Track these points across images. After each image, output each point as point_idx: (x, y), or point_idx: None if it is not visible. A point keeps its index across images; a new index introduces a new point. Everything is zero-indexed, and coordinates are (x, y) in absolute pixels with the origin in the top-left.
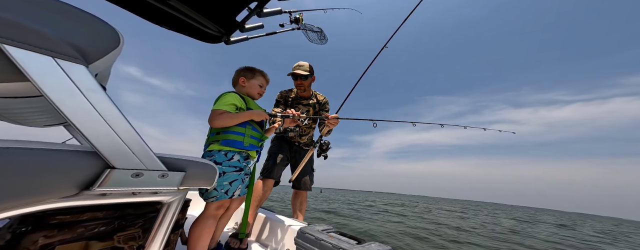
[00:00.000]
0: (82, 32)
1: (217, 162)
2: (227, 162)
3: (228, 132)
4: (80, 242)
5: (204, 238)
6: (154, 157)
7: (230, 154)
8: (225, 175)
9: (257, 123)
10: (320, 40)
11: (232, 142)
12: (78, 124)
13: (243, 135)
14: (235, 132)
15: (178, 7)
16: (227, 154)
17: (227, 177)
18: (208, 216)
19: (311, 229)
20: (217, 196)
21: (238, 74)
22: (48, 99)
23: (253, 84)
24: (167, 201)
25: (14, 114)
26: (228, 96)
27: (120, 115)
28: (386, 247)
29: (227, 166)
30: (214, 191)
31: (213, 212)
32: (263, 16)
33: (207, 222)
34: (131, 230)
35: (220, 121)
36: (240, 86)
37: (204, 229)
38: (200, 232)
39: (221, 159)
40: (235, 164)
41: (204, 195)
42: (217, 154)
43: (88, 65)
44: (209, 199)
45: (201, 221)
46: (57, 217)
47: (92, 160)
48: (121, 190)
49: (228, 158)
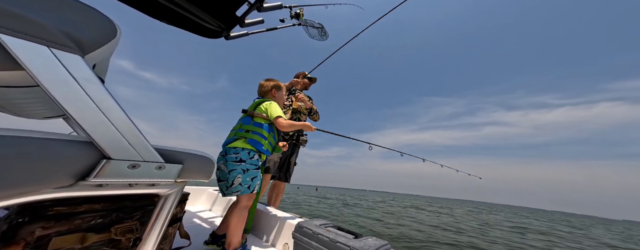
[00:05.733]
0: (79, 22)
1: (242, 159)
2: (250, 160)
3: (255, 133)
4: (77, 234)
5: (240, 226)
6: (151, 149)
7: (252, 153)
8: (248, 172)
9: (277, 132)
10: (321, 37)
11: (256, 142)
12: (73, 113)
13: (265, 139)
14: (261, 134)
15: (178, 1)
16: (249, 152)
17: (250, 174)
18: (242, 207)
19: (309, 224)
20: (242, 191)
21: (270, 86)
22: (43, 88)
23: (281, 95)
24: (165, 194)
25: (12, 105)
26: (277, 106)
27: (116, 106)
28: (383, 242)
29: (250, 164)
30: (238, 186)
31: (246, 203)
32: (263, 11)
33: (241, 212)
34: (128, 223)
35: (289, 127)
36: (271, 96)
37: (240, 217)
38: (238, 220)
39: (246, 157)
40: (256, 163)
41: (228, 190)
42: (242, 151)
43: (84, 55)
44: (234, 193)
45: (238, 212)
46: (54, 209)
47: (87, 151)
48: (117, 181)
49: (250, 156)
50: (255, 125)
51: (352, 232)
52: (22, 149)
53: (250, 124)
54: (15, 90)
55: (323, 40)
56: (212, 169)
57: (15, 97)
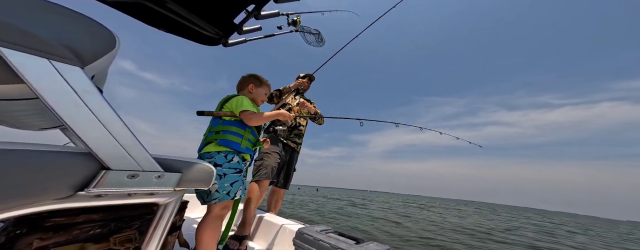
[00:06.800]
0: (78, 34)
1: (218, 163)
2: (228, 163)
3: (227, 133)
4: (76, 245)
5: (212, 239)
6: (150, 158)
7: (230, 155)
8: (226, 177)
9: (256, 128)
10: (318, 43)
11: (230, 142)
12: (73, 125)
13: (241, 137)
14: (234, 133)
15: (176, 9)
16: (227, 155)
17: (228, 179)
18: (214, 217)
19: (309, 230)
20: (219, 198)
21: (247, 81)
22: (43, 100)
23: (260, 92)
24: (164, 202)
25: (9, 117)
26: (245, 100)
27: (115, 117)
28: (384, 247)
29: (228, 168)
30: (215, 193)
31: (219, 212)
32: (260, 19)
33: (214, 223)
34: (127, 232)
35: (258, 120)
36: (248, 92)
37: (213, 230)
38: (208, 233)
39: (221, 161)
40: (235, 166)
41: (207, 198)
42: (216, 155)
43: (84, 67)
44: (211, 201)
45: (208, 222)
46: (52, 220)
47: (87, 162)
48: (116, 191)
49: (228, 160)
50: (224, 124)
51: (354, 237)
52: (22, 161)
53: (219, 124)
54: (14, 102)
55: (320, 46)
56: (211, 177)
57: (15, 109)
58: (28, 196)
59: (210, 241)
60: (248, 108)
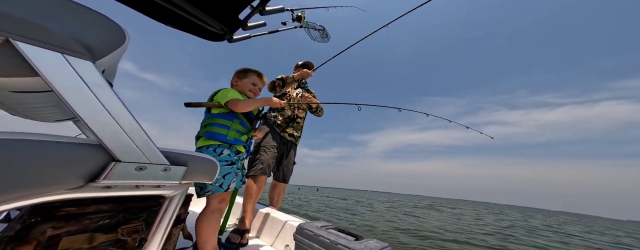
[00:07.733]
0: (89, 29)
1: None
2: (218, 157)
3: (213, 125)
4: (86, 234)
5: (212, 231)
6: (157, 152)
7: (219, 149)
8: None
9: (247, 118)
10: (322, 39)
11: (215, 134)
12: (85, 117)
13: (228, 128)
14: (220, 124)
15: (183, 5)
16: (216, 149)
17: (220, 171)
18: (213, 210)
19: (310, 225)
20: (212, 190)
21: (233, 75)
22: (57, 93)
23: (245, 82)
24: (170, 195)
25: (26, 109)
26: (230, 90)
27: (125, 110)
28: (384, 244)
29: (218, 161)
30: (208, 185)
31: (217, 205)
32: (265, 14)
33: (212, 215)
34: (134, 224)
35: (245, 106)
36: (234, 85)
37: (212, 222)
38: (207, 225)
39: (211, 155)
40: (226, 158)
41: (201, 191)
42: (206, 150)
43: (95, 61)
44: (205, 194)
45: (207, 215)
46: (64, 209)
47: (97, 153)
48: (125, 183)
49: (217, 153)
50: (212, 117)
51: (353, 233)
52: (40, 152)
53: (208, 117)
54: (31, 95)
55: (325, 42)
56: (215, 171)
57: (31, 101)
58: (44, 185)
59: (210, 234)
60: (234, 97)
